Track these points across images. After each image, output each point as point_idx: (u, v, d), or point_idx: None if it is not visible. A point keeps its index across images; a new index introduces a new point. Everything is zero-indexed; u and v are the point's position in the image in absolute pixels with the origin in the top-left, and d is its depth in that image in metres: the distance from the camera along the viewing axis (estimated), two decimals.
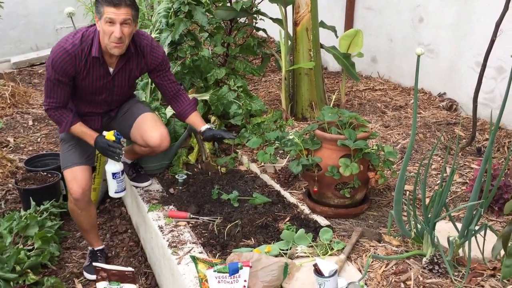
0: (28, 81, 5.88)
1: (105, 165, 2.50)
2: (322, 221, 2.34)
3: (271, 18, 3.75)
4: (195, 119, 2.68)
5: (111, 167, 2.47)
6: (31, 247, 2.55)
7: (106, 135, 2.40)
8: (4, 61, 6.51)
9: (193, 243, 2.26)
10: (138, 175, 2.92)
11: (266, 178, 2.89)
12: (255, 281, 1.83)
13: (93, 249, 2.66)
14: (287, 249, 2.10)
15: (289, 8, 3.60)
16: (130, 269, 2.21)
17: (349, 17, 4.73)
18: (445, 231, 2.07)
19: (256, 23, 3.88)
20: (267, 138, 3.04)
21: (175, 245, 2.25)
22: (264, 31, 3.87)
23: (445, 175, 2.56)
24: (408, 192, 2.45)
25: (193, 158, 3.15)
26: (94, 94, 2.49)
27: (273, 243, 2.16)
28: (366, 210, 2.44)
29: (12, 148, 4.04)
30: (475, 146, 3.04)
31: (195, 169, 3.07)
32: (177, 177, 2.83)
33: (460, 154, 2.98)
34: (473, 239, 1.90)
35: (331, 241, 2.15)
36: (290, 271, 1.91)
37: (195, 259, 1.90)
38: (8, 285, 2.25)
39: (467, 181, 2.65)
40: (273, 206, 2.54)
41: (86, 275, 2.61)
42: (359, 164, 2.27)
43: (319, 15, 3.66)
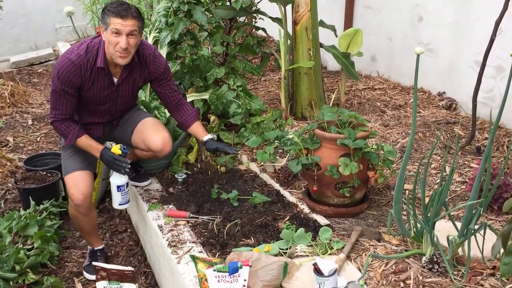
0: (27, 81, 5.88)
1: (110, 178, 2.51)
2: (321, 220, 2.34)
3: (270, 17, 3.75)
4: (197, 129, 2.69)
5: (116, 180, 2.48)
6: (31, 247, 2.55)
7: (112, 148, 2.41)
8: (3, 61, 6.51)
9: (193, 242, 2.26)
10: (137, 174, 2.92)
11: (265, 177, 2.89)
12: (255, 280, 1.83)
13: (93, 249, 2.66)
14: (287, 248, 2.10)
15: (289, 7, 3.60)
16: (129, 268, 2.20)
17: (348, 16, 4.73)
18: (444, 230, 2.07)
19: (255, 22, 3.89)
20: (267, 137, 3.04)
21: (174, 244, 2.25)
22: (263, 30, 3.87)
23: (444, 174, 2.56)
24: (407, 191, 2.45)
25: (193, 157, 3.15)
26: (98, 104, 2.50)
27: (273, 242, 2.16)
28: (365, 209, 2.44)
29: (11, 147, 4.04)
30: (474, 145, 3.04)
31: (195, 169, 3.07)
32: (176, 176, 2.83)
33: (459, 153, 2.98)
34: (472, 238, 1.90)
35: (330, 240, 2.15)
36: (289, 270, 1.91)
37: (194, 259, 1.90)
38: (7, 284, 2.25)
39: (467, 180, 2.65)
40: (273, 205, 2.53)
41: (85, 275, 2.61)
42: (359, 163, 2.27)
43: (318, 14, 3.66)
